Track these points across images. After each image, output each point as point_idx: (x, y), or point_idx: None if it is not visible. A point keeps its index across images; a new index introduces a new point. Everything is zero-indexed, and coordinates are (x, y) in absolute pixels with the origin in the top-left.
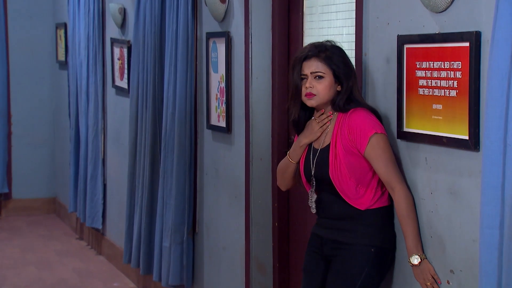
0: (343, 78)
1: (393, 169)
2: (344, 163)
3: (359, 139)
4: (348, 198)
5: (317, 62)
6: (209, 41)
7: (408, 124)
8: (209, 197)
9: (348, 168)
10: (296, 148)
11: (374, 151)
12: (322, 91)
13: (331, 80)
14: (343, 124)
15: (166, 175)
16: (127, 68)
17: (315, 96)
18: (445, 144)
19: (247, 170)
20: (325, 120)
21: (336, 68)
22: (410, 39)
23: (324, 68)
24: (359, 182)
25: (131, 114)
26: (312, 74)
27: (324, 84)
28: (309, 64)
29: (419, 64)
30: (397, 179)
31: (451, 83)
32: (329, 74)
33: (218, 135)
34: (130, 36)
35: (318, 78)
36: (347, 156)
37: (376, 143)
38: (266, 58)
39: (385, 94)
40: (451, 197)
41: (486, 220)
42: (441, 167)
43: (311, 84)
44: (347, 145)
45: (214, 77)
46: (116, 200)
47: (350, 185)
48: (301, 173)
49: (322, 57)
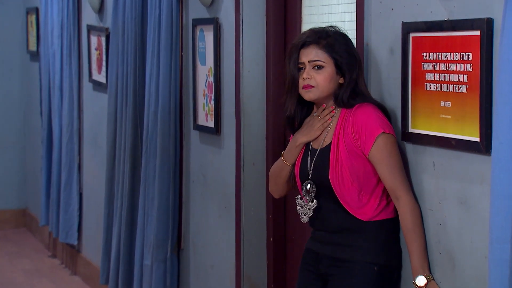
0: (345, 69)
1: (400, 175)
2: (346, 166)
3: (364, 139)
4: (349, 206)
5: (317, 49)
6: (196, 28)
7: (414, 124)
8: (196, 208)
9: (351, 171)
10: (292, 148)
11: (380, 153)
12: (321, 83)
13: (332, 71)
14: (347, 121)
15: (147, 183)
16: (105, 60)
17: (313, 88)
18: (454, 146)
19: (238, 177)
20: (327, 116)
21: (338, 57)
22: (416, 26)
23: (325, 56)
24: (362, 189)
25: (109, 113)
26: (311, 63)
27: (324, 74)
28: (307, 52)
29: (425, 55)
30: (403, 187)
31: (460, 77)
32: (330, 64)
33: (206, 137)
34: (108, 22)
35: (318, 68)
36: (350, 158)
37: (383, 144)
38: (260, 48)
39: (389, 89)
40: (461, 208)
41: (495, 233)
42: (450, 173)
43: (309, 74)
44: (350, 145)
45: (201, 70)
46: (94, 212)
47: (352, 191)
48: (296, 177)
49: (323, 44)
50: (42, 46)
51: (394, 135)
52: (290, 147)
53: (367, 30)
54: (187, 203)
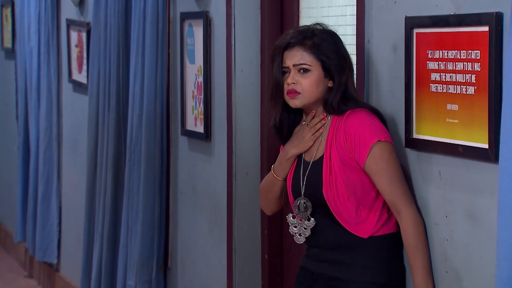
0: (334, 71)
1: (400, 187)
2: (340, 179)
3: (358, 149)
4: (347, 223)
5: (302, 51)
6: (184, 23)
7: (419, 130)
8: (184, 222)
9: (346, 185)
10: (283, 161)
11: (376, 164)
12: (308, 88)
13: (319, 74)
14: (338, 129)
15: (131, 194)
16: (86, 58)
17: (299, 95)
18: (461, 154)
19: (230, 187)
20: (318, 125)
21: (325, 58)
22: (420, 22)
23: (311, 59)
24: (360, 203)
25: (90, 117)
26: (296, 66)
27: (310, 79)
28: (291, 54)
29: (431, 53)
30: (404, 200)
31: (468, 77)
32: (316, 67)
33: (195, 143)
34: (90, 17)
35: (303, 72)
36: (344, 171)
37: (379, 154)
38: (254, 45)
39: (392, 91)
40: (470, 222)
41: (503, 249)
42: (457, 184)
43: (294, 79)
44: (344, 156)
45: (190, 69)
46: (75, 227)
47: (348, 206)
48: (289, 193)
49: (308, 45)
50: (18, 42)
51: (391, 142)
52: (280, 160)
53: (368, 26)
54: (174, 217)
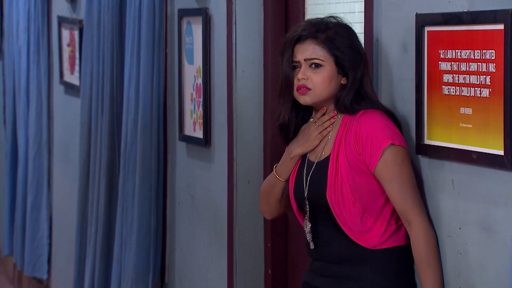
0: (348, 67)
1: (412, 195)
2: (347, 183)
3: (369, 152)
4: (351, 231)
5: (314, 45)
6: (182, 21)
7: (430, 135)
8: (182, 234)
9: (352, 189)
10: (286, 160)
11: (388, 169)
12: (319, 85)
13: (332, 70)
14: (349, 129)
15: (125, 205)
16: (78, 58)
17: (310, 91)
18: (476, 161)
19: (231, 197)
20: (326, 123)
21: (339, 53)
22: (431, 19)
23: (323, 53)
24: (366, 211)
25: (82, 121)
26: (307, 61)
27: (322, 75)
28: (303, 48)
29: (443, 53)
30: (415, 209)
31: (482, 79)
32: (329, 62)
33: (193, 150)
34: (82, 13)
35: (315, 67)
36: (352, 174)
37: (391, 158)
38: (256, 44)
39: (402, 93)
40: (485, 234)
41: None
42: (471, 193)
43: (305, 74)
44: (353, 159)
45: (188, 70)
46: (66, 240)
47: (353, 213)
48: (291, 195)
49: (321, 39)
50: (6, 41)
51: (405, 148)
52: (284, 159)
53: (376, 23)
54: (171, 229)
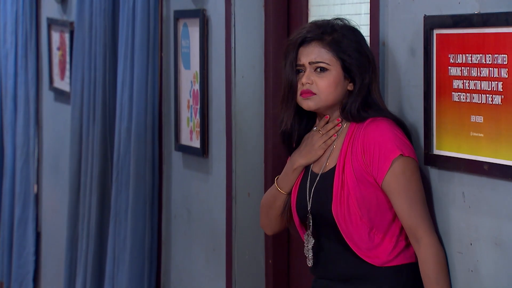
0: (356, 72)
1: (421, 211)
2: (353, 196)
3: (377, 163)
4: (357, 247)
5: (319, 48)
6: (178, 23)
7: (440, 145)
8: (178, 250)
9: (359, 203)
10: (288, 172)
11: (397, 181)
12: (325, 90)
13: (338, 75)
14: (356, 138)
15: (118, 219)
16: (69, 63)
17: (314, 96)
18: (487, 172)
19: (229, 211)
20: (331, 131)
21: (346, 57)
22: (440, 21)
23: (329, 56)
24: (374, 226)
25: (72, 130)
26: (312, 65)
27: (328, 79)
28: (307, 51)
29: (453, 57)
30: (424, 226)
31: (494, 85)
32: (335, 66)
33: (190, 160)
34: (73, 15)
35: (320, 71)
36: (359, 186)
37: (400, 170)
38: (257, 48)
39: (410, 100)
40: (497, 250)
41: None
42: (483, 207)
43: (309, 79)
44: (360, 170)
45: (185, 75)
46: (55, 256)
47: (360, 228)
48: (293, 209)
49: (327, 41)
50: None
51: (415, 159)
52: (286, 171)
53: (383, 26)
54: (167, 245)
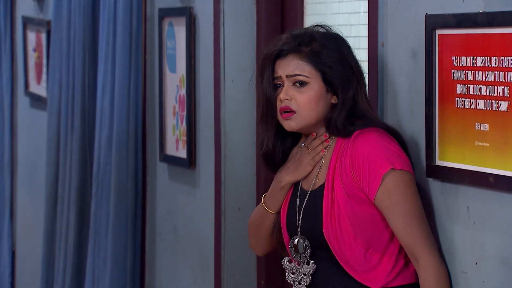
0: (338, 85)
1: (419, 228)
2: (345, 214)
3: (367, 178)
4: (353, 270)
5: (297, 60)
6: (163, 22)
7: (443, 155)
8: (163, 270)
9: (352, 222)
10: (275, 190)
11: (390, 198)
12: (305, 106)
13: (319, 88)
14: (344, 153)
15: (98, 237)
16: (46, 65)
17: (294, 115)
18: (493, 185)
19: (218, 227)
20: (319, 147)
21: (327, 69)
22: (443, 21)
23: (308, 69)
24: (370, 245)
25: (49, 138)
26: (290, 78)
27: (308, 94)
28: (285, 64)
29: (456, 60)
30: (423, 244)
31: (500, 90)
32: (316, 79)
33: (176, 172)
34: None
35: (299, 85)
36: (351, 203)
37: (392, 185)
38: (248, 50)
39: (410, 106)
40: (504, 270)
41: None
42: (489, 222)
43: (287, 94)
44: (350, 186)
45: (171, 79)
46: (31, 276)
47: (355, 249)
48: (283, 229)
49: (305, 53)
50: None
51: (409, 172)
52: (272, 189)
53: (381, 25)
54: (151, 264)
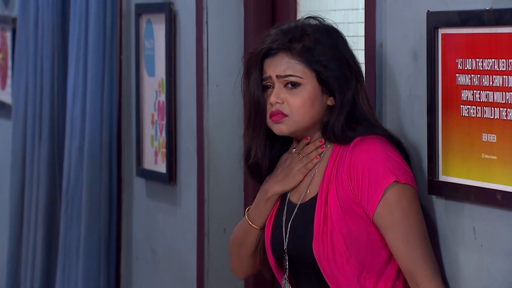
0: (334, 85)
1: (421, 249)
2: (338, 232)
3: (367, 191)
4: None
5: (288, 59)
6: (141, 19)
7: (446, 169)
8: None
9: (346, 241)
10: (261, 202)
11: (391, 214)
12: (298, 110)
13: (313, 89)
14: (341, 162)
15: (68, 260)
16: (11, 68)
17: (286, 118)
18: (501, 203)
19: (201, 250)
20: (312, 153)
21: (321, 68)
22: (446, 19)
23: (301, 68)
24: (365, 268)
25: (14, 151)
26: (280, 79)
27: (301, 96)
28: (274, 63)
29: (461, 63)
30: (426, 268)
31: (509, 96)
32: (309, 79)
33: (155, 188)
34: (17, 10)
35: (292, 87)
36: (345, 220)
37: (395, 200)
38: (234, 51)
39: (411, 114)
40: None
41: None
42: (497, 245)
43: (278, 97)
44: (346, 200)
45: (149, 83)
46: None
47: (348, 272)
48: (267, 247)
49: (297, 51)
50: None
51: (413, 186)
52: (258, 200)
53: (380, 24)
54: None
